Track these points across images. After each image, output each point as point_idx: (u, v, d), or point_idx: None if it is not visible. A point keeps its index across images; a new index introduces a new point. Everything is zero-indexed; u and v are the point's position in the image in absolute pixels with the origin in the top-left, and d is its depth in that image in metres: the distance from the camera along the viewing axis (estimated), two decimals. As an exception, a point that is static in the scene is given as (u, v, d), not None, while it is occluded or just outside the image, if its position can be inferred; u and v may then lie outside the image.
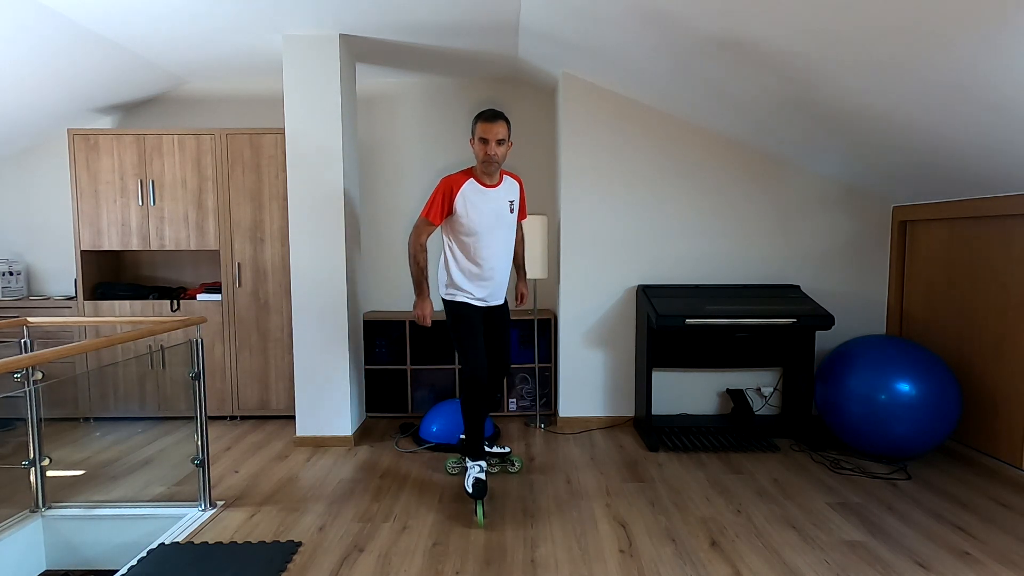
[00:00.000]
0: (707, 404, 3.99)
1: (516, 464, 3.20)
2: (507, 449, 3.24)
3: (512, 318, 4.01)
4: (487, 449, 3.20)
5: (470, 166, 2.86)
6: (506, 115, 2.75)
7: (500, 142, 2.71)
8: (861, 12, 2.02)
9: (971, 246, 3.32)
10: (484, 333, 2.90)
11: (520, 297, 3.20)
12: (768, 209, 3.88)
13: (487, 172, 2.78)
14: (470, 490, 2.71)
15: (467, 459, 2.85)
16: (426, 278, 2.85)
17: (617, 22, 2.79)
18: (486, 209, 2.78)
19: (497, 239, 2.83)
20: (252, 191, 4.00)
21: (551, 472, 3.19)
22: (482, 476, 2.75)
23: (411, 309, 4.39)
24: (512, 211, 2.89)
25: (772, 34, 2.40)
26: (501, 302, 2.96)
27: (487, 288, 2.86)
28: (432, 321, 2.91)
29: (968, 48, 1.99)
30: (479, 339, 2.83)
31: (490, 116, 2.71)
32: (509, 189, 2.89)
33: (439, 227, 2.84)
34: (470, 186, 2.78)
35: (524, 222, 3.29)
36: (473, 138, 2.76)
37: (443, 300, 2.91)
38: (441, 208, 2.76)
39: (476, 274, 2.83)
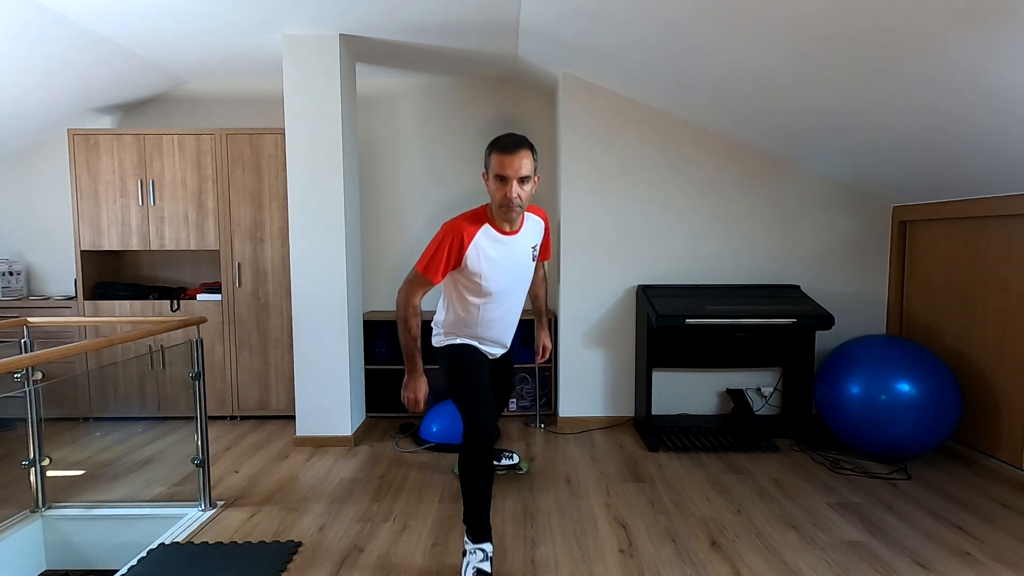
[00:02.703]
0: (707, 404, 3.99)
1: (524, 468, 3.16)
2: (515, 459, 3.13)
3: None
4: (498, 464, 3.08)
5: (482, 204, 2.26)
6: (530, 141, 2.11)
7: (523, 180, 2.07)
8: (859, 13, 2.02)
9: (971, 246, 3.32)
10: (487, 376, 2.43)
11: (542, 351, 2.74)
12: (768, 209, 3.88)
13: (507, 219, 2.17)
14: None
15: (466, 539, 2.22)
16: (419, 350, 2.22)
17: (612, 34, 2.79)
18: (505, 263, 2.24)
19: (514, 297, 2.34)
20: (252, 191, 4.00)
21: (551, 472, 3.19)
22: (486, 567, 2.12)
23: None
24: (534, 259, 2.36)
25: (770, 36, 2.40)
26: (505, 351, 2.58)
27: (494, 349, 2.47)
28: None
29: (967, 48, 1.99)
30: (484, 384, 2.29)
31: (509, 145, 2.05)
32: (532, 232, 2.31)
33: None
34: (485, 235, 2.18)
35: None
36: (487, 174, 2.13)
37: (435, 348, 2.44)
38: (446, 264, 2.15)
39: (483, 336, 2.39)
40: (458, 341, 2.39)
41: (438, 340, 2.44)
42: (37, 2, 2.85)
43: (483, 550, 2.17)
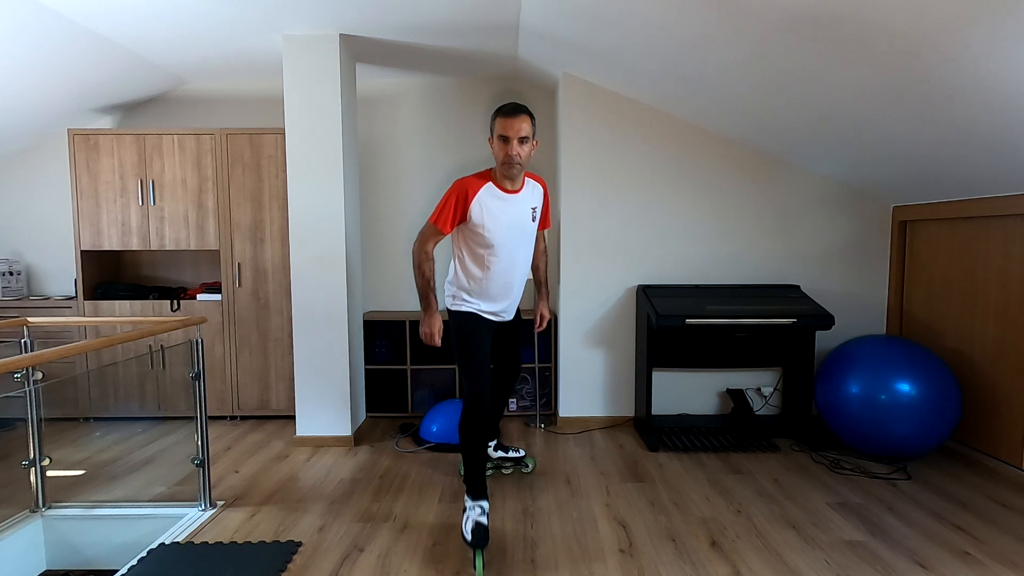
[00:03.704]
0: (707, 404, 3.99)
1: (530, 465, 3.18)
2: (522, 452, 3.17)
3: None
4: (503, 454, 3.15)
5: (488, 168, 2.54)
6: (529, 109, 2.45)
7: (523, 140, 2.38)
8: (859, 12, 2.02)
9: (971, 246, 3.32)
10: (493, 343, 2.68)
11: (540, 320, 2.90)
12: (768, 209, 3.88)
13: (508, 176, 2.44)
14: (468, 537, 2.30)
15: (466, 497, 2.49)
16: (433, 290, 2.51)
17: (613, 34, 2.79)
18: (506, 218, 2.47)
19: (516, 252, 2.55)
20: (252, 191, 4.00)
21: (551, 472, 3.19)
22: (484, 520, 2.35)
23: (410, 309, 4.40)
24: (534, 220, 2.59)
25: (770, 36, 2.40)
26: (514, 314, 2.74)
27: (500, 305, 2.61)
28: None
29: (968, 48, 1.99)
30: (485, 357, 2.55)
31: (511, 110, 2.38)
32: (532, 194, 2.58)
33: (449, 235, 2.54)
34: (488, 191, 2.45)
35: (546, 231, 2.90)
36: (492, 136, 2.44)
37: (448, 310, 2.65)
38: (454, 214, 2.42)
39: (488, 290, 2.55)
40: (464, 308, 2.58)
41: (449, 301, 2.63)
42: (37, 2, 2.85)
43: (481, 506, 2.42)
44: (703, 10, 2.41)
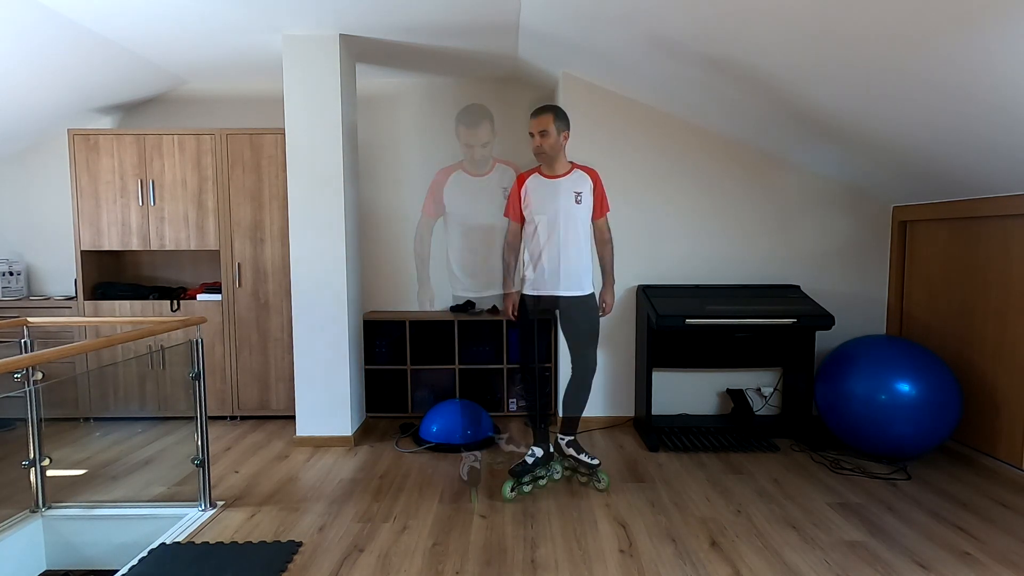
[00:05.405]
0: (707, 404, 3.99)
1: (604, 481, 2.97)
2: (596, 461, 2.99)
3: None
4: (574, 453, 3.03)
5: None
6: (554, 107, 2.89)
7: (543, 134, 2.87)
8: (859, 14, 2.03)
9: (971, 246, 3.32)
10: (562, 326, 3.08)
11: (603, 307, 3.04)
12: (768, 209, 3.88)
13: (543, 163, 2.96)
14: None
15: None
16: (511, 276, 3.04)
17: (612, 34, 2.79)
18: (547, 197, 2.93)
19: (559, 228, 2.91)
20: (252, 191, 4.00)
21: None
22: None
23: (410, 309, 4.41)
24: (579, 202, 2.93)
25: (770, 37, 2.40)
26: (570, 294, 2.92)
27: (544, 273, 2.93)
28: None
29: (966, 49, 1.99)
30: (528, 332, 3.04)
31: (535, 112, 2.91)
32: (578, 180, 2.96)
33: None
34: (534, 179, 2.98)
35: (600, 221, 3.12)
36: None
37: None
38: (515, 203, 2.99)
39: (540, 261, 2.94)
40: (522, 292, 3.02)
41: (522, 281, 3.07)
42: (38, 2, 2.85)
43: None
44: (702, 13, 2.41)
